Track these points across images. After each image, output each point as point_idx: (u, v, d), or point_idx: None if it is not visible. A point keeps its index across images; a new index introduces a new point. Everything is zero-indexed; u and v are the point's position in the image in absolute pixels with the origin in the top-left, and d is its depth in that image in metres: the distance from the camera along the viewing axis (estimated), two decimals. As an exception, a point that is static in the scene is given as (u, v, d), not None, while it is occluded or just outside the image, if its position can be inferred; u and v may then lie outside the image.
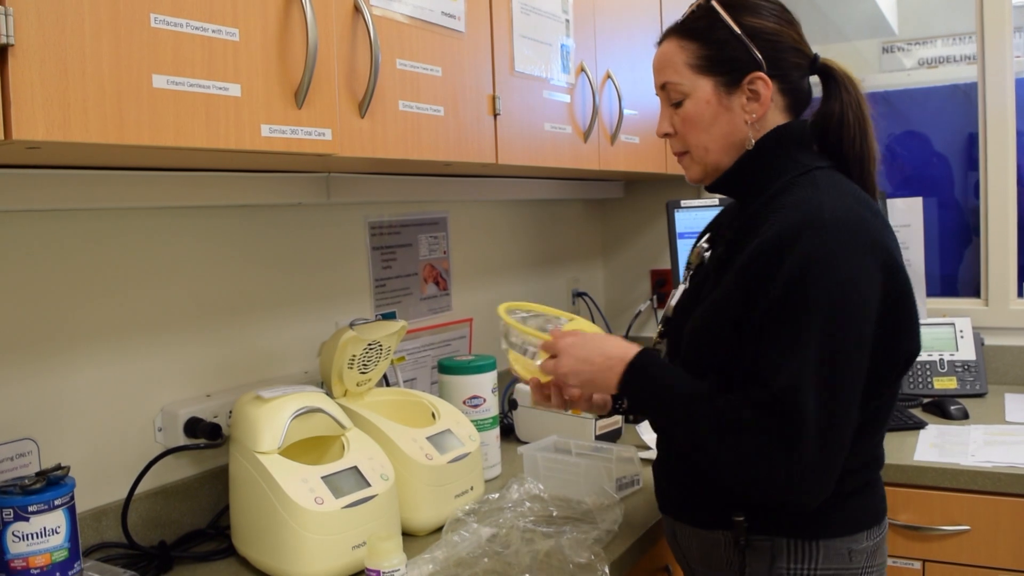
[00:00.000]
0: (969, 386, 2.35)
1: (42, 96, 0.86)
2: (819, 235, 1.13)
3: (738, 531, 1.23)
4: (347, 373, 1.59)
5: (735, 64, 1.25)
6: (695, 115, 1.28)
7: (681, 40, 1.29)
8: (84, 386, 1.38)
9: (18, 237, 1.29)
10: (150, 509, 1.46)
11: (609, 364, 1.25)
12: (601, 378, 1.26)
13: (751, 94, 1.26)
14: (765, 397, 1.12)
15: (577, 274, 2.83)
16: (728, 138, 1.28)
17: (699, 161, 1.32)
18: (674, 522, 1.38)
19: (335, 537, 1.28)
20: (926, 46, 2.85)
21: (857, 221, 1.16)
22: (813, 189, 1.21)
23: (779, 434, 1.10)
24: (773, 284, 1.13)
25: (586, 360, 1.27)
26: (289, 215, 1.73)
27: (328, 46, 1.17)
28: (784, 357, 1.11)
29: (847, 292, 1.12)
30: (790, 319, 1.12)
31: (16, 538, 1.11)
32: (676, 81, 1.29)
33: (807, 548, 1.22)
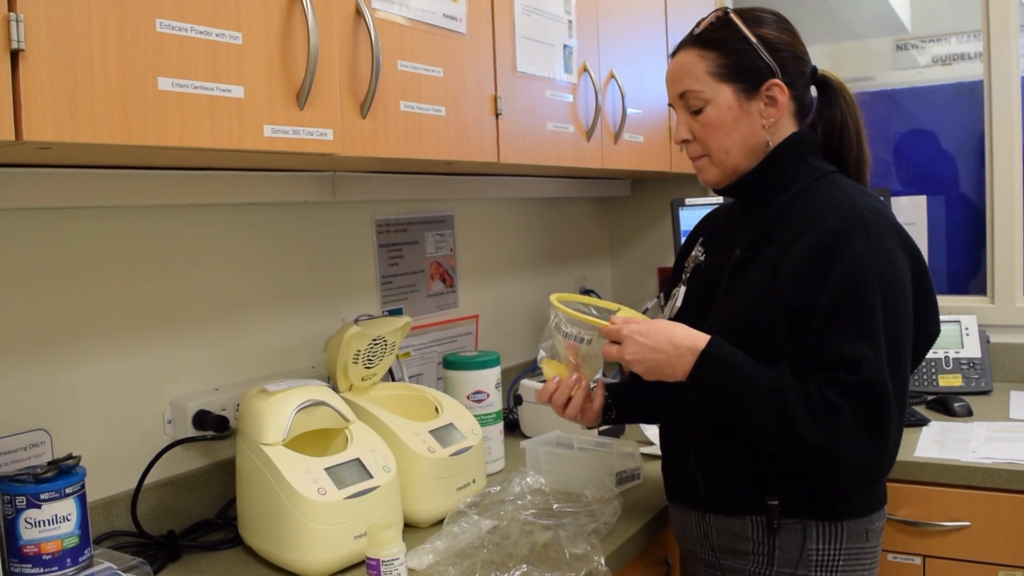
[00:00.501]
0: (974, 383, 2.35)
1: (52, 98, 0.89)
2: (865, 232, 1.23)
3: (771, 515, 1.30)
4: (352, 368, 1.62)
5: (754, 72, 1.34)
6: (717, 120, 1.35)
7: (700, 50, 1.36)
8: (96, 379, 1.42)
9: (32, 234, 1.33)
10: (160, 499, 1.49)
11: (679, 352, 1.27)
12: (669, 366, 1.28)
13: (768, 100, 1.34)
14: (856, 383, 1.19)
15: (584, 271, 2.85)
16: (747, 142, 1.36)
17: (719, 164, 1.39)
18: (694, 513, 1.41)
19: (337, 527, 1.31)
20: (940, 43, 2.84)
21: (887, 218, 1.28)
22: (839, 190, 1.31)
23: (872, 419, 1.19)
24: (831, 280, 1.22)
25: (654, 348, 1.28)
26: (297, 213, 1.76)
27: (329, 49, 1.21)
28: (862, 347, 1.19)
29: (896, 280, 1.23)
30: (855, 311, 1.21)
31: (28, 525, 1.15)
32: (697, 89, 1.35)
33: (834, 529, 1.30)
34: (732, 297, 1.33)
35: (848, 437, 1.18)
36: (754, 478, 1.32)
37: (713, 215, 1.57)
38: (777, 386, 1.22)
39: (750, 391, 1.23)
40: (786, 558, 1.31)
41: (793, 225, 1.29)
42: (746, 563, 1.34)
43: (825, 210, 1.27)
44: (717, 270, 1.40)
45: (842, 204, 1.27)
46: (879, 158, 2.86)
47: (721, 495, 1.36)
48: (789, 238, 1.28)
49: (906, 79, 2.81)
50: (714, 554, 1.39)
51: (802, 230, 1.27)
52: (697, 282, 1.45)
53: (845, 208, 1.26)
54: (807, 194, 1.33)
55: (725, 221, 1.49)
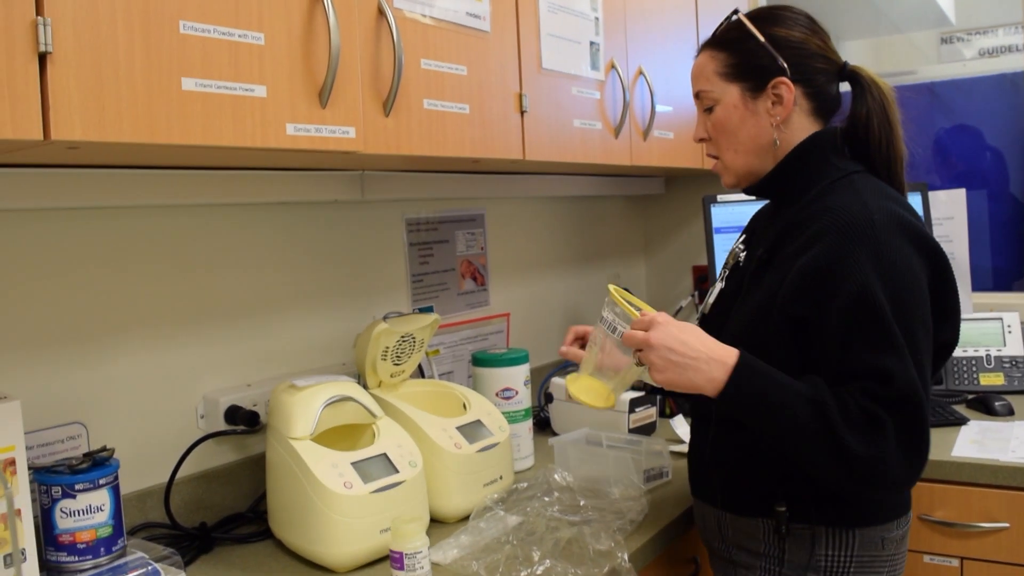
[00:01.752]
0: (1017, 382, 2.29)
1: (79, 99, 0.92)
2: (873, 240, 1.19)
3: (779, 520, 1.29)
4: (380, 364, 1.64)
5: (760, 71, 1.33)
6: (724, 119, 1.36)
7: (713, 51, 1.38)
8: (131, 374, 1.46)
9: (71, 233, 1.37)
10: (193, 492, 1.53)
11: (709, 357, 1.19)
12: (695, 370, 1.19)
13: (775, 98, 1.33)
14: (892, 396, 1.16)
15: (619, 270, 2.84)
16: (755, 140, 1.36)
17: (730, 165, 1.39)
18: (711, 508, 1.41)
19: (363, 520, 1.33)
20: (986, 36, 2.78)
21: (901, 220, 1.23)
22: (853, 192, 1.28)
23: (912, 429, 1.16)
24: (842, 289, 1.19)
25: (684, 343, 1.19)
26: (327, 212, 1.79)
27: (351, 48, 1.22)
28: (889, 358, 1.16)
29: (907, 287, 1.20)
30: (873, 320, 1.17)
31: (64, 514, 1.19)
32: (707, 89, 1.38)
33: (844, 536, 1.29)
34: (750, 300, 1.33)
35: (892, 448, 1.15)
36: (764, 482, 1.31)
37: (760, 212, 1.56)
38: (815, 397, 1.17)
39: (787, 401, 1.17)
40: (795, 562, 1.30)
41: (806, 229, 1.27)
42: (758, 561, 1.34)
43: (834, 216, 1.23)
44: (745, 269, 1.41)
45: (851, 209, 1.23)
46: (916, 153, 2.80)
47: (734, 495, 1.36)
48: (800, 243, 1.26)
49: (949, 72, 2.76)
50: (729, 549, 1.40)
51: (811, 237, 1.24)
52: (733, 281, 1.45)
53: (854, 214, 1.22)
54: (824, 196, 1.30)
55: (763, 220, 1.49)
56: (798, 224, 1.30)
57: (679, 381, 1.20)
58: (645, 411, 2.04)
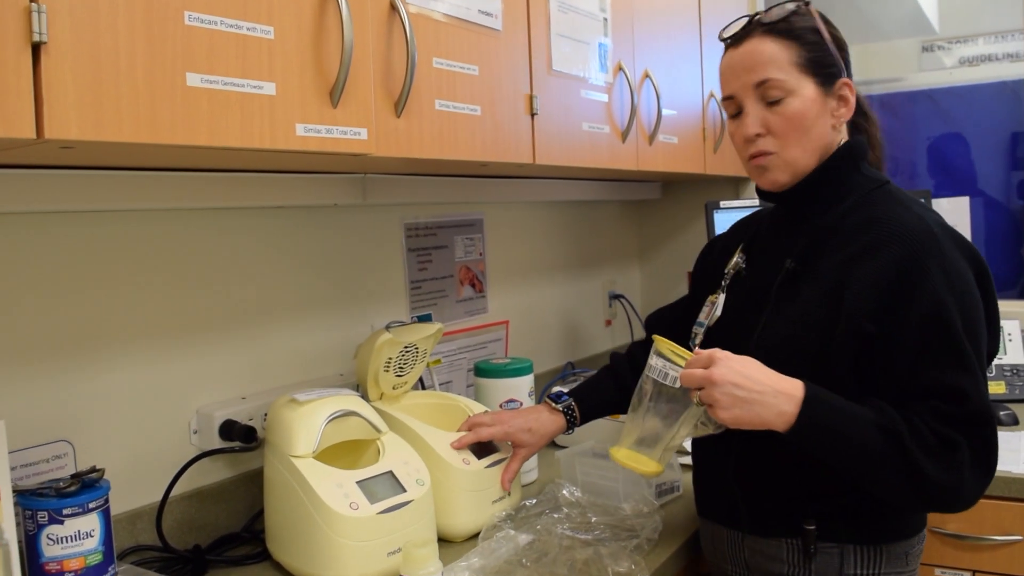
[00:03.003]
0: (1019, 391, 2.27)
1: (75, 95, 0.85)
2: (941, 255, 1.17)
3: (807, 539, 1.25)
4: (383, 376, 1.57)
5: (831, 68, 1.29)
6: (801, 112, 1.27)
7: (779, 39, 1.28)
8: (119, 388, 1.38)
9: (54, 238, 1.29)
10: (185, 512, 1.45)
11: (776, 391, 1.14)
12: (762, 404, 1.13)
13: (840, 100, 1.29)
14: (967, 415, 1.13)
15: (614, 276, 2.79)
16: (820, 140, 1.30)
17: (791, 163, 1.29)
18: (727, 531, 1.36)
19: (370, 543, 1.26)
20: (967, 44, 2.78)
21: (951, 231, 1.23)
22: (900, 204, 1.25)
23: (986, 449, 1.15)
24: (917, 304, 1.15)
25: (748, 376, 1.14)
26: (325, 216, 1.71)
27: (364, 44, 1.16)
28: (963, 376, 1.14)
29: (971, 301, 1.18)
30: (946, 341, 1.15)
31: (51, 541, 1.11)
32: (781, 78, 1.26)
33: (872, 553, 1.25)
34: (785, 313, 1.27)
35: (967, 471, 1.13)
36: (793, 500, 1.26)
37: (754, 219, 1.50)
38: (888, 425, 1.13)
39: (860, 434, 1.13)
40: None
41: (853, 240, 1.23)
42: None
43: (893, 227, 1.21)
44: (763, 281, 1.34)
45: (909, 221, 1.21)
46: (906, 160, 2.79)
47: (761, 516, 1.30)
48: (850, 253, 1.22)
49: (933, 80, 2.75)
50: (746, 574, 1.34)
51: (868, 247, 1.21)
52: (739, 291, 1.39)
53: (915, 227, 1.20)
54: (864, 206, 1.27)
55: (769, 228, 1.42)
56: (838, 234, 1.26)
57: (746, 417, 1.15)
58: (649, 422, 1.98)
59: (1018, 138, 2.58)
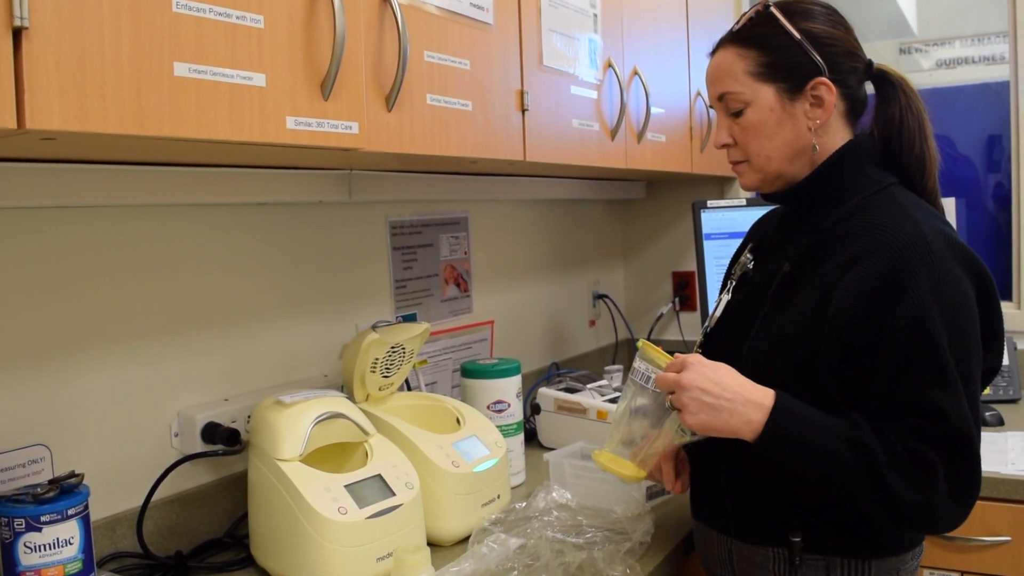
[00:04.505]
0: (1002, 392, 2.28)
1: (58, 83, 0.81)
2: (930, 264, 1.13)
3: (793, 550, 1.22)
4: (369, 377, 1.54)
5: (797, 70, 1.24)
6: (758, 123, 1.25)
7: (740, 48, 1.26)
8: (98, 390, 1.33)
9: (30, 234, 1.25)
10: (166, 517, 1.41)
11: (745, 399, 1.13)
12: (730, 412, 1.13)
13: (814, 100, 1.24)
14: (944, 434, 1.09)
15: (598, 276, 2.77)
16: (792, 145, 1.26)
17: (759, 169, 1.29)
18: (717, 536, 1.34)
19: (359, 548, 1.23)
20: (944, 47, 2.80)
21: (951, 240, 1.17)
22: (899, 209, 1.20)
23: (963, 469, 1.11)
24: (899, 316, 1.11)
25: (717, 383, 1.13)
26: (309, 213, 1.68)
27: (355, 36, 1.12)
28: (942, 393, 1.10)
29: (963, 316, 1.14)
30: (929, 355, 1.11)
31: (28, 549, 1.06)
32: (737, 90, 1.25)
33: (860, 568, 1.22)
34: (778, 317, 1.24)
35: (941, 492, 1.09)
36: (780, 510, 1.23)
37: (765, 219, 1.47)
38: (859, 440, 1.10)
39: (830, 448, 1.11)
40: None
41: (848, 245, 1.19)
42: None
43: (885, 235, 1.16)
44: (763, 283, 1.31)
45: (903, 228, 1.16)
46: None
47: (748, 522, 1.28)
48: (843, 260, 1.18)
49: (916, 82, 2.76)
50: None
51: (858, 254, 1.17)
52: (742, 293, 1.36)
53: (908, 234, 1.15)
54: (864, 210, 1.22)
55: (776, 228, 1.39)
56: (836, 238, 1.22)
57: (713, 424, 1.14)
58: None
59: (994, 140, 2.60)
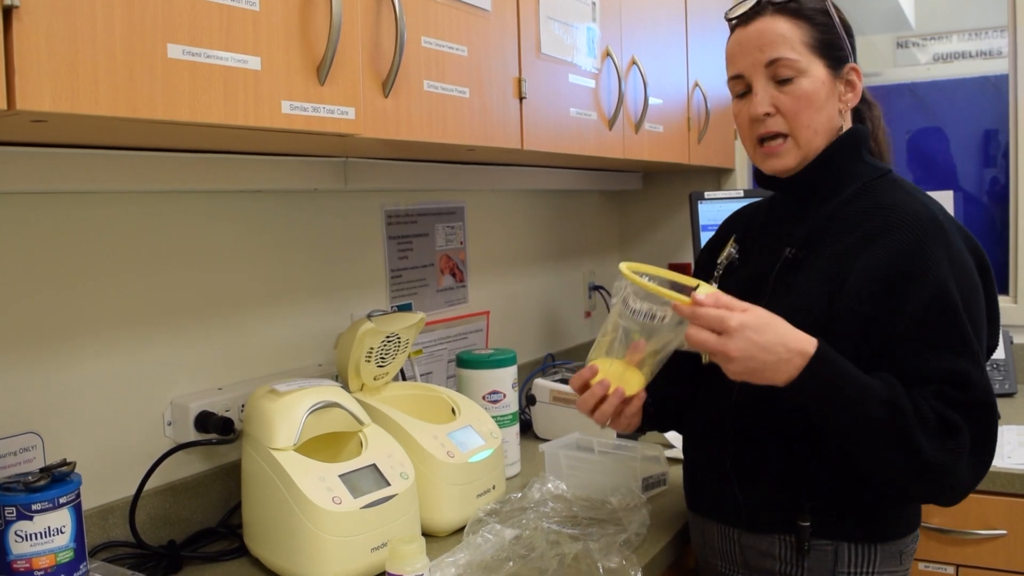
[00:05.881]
0: (998, 386, 2.28)
1: (49, 64, 0.79)
2: (945, 241, 1.17)
3: (802, 535, 1.23)
4: (364, 366, 1.53)
5: (839, 52, 1.27)
6: (812, 93, 1.25)
7: (790, 18, 1.26)
8: (90, 378, 1.32)
9: (21, 220, 1.23)
10: (159, 507, 1.39)
11: (789, 357, 1.10)
12: (774, 370, 1.10)
13: (847, 84, 1.28)
14: (970, 401, 1.12)
15: (594, 267, 2.76)
16: (829, 123, 1.28)
17: (803, 145, 1.27)
18: (719, 526, 1.33)
19: (353, 538, 1.22)
20: (941, 41, 2.79)
21: (954, 222, 1.22)
22: (904, 191, 1.24)
23: (985, 436, 1.14)
24: (920, 288, 1.14)
25: (766, 348, 1.09)
26: (304, 201, 1.66)
27: (352, 19, 1.11)
28: (966, 363, 1.13)
29: (974, 290, 1.18)
30: (949, 326, 1.14)
31: (19, 538, 1.05)
32: (793, 57, 1.24)
33: (867, 551, 1.23)
34: (782, 300, 1.24)
35: (964, 457, 1.12)
36: (788, 496, 1.24)
37: (748, 211, 1.48)
38: (893, 399, 1.10)
39: (864, 403, 1.10)
40: None
41: (856, 227, 1.22)
42: None
43: (899, 214, 1.19)
44: (761, 269, 1.31)
45: (914, 208, 1.20)
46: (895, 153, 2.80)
47: (755, 512, 1.28)
48: (853, 240, 1.21)
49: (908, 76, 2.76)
50: (741, 570, 1.31)
51: (873, 233, 1.19)
52: (733, 281, 1.36)
53: (920, 213, 1.19)
54: (867, 194, 1.25)
55: (766, 218, 1.40)
56: (841, 222, 1.24)
57: (755, 380, 1.12)
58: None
59: (991, 135, 2.59)
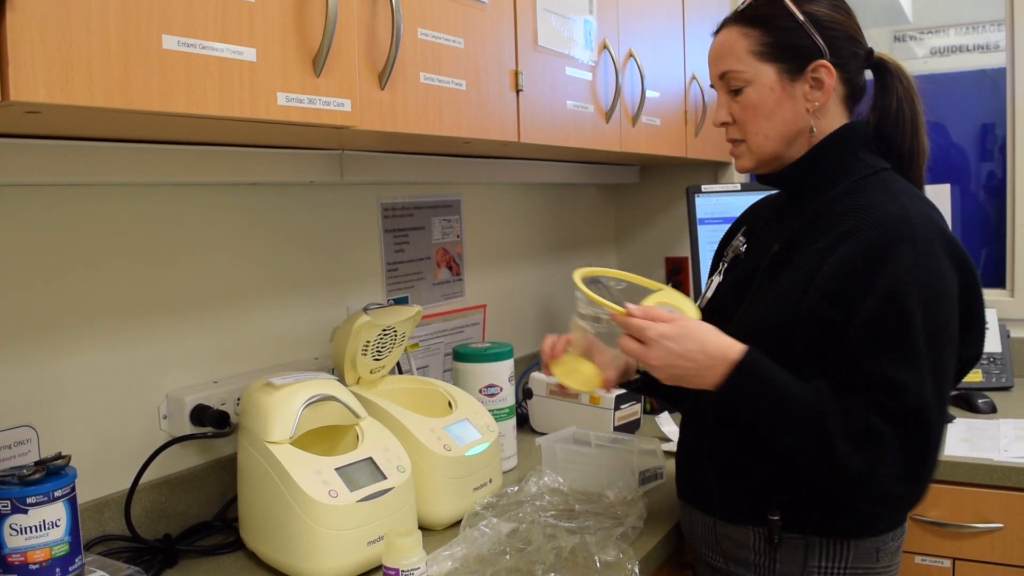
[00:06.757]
0: (995, 379, 2.28)
1: (43, 55, 0.79)
2: (912, 243, 1.13)
3: (772, 529, 1.23)
4: (360, 360, 1.52)
5: (799, 51, 1.24)
6: (757, 102, 1.26)
7: (743, 27, 1.27)
8: (86, 371, 1.32)
9: (16, 212, 1.23)
10: (154, 500, 1.39)
11: (710, 363, 1.15)
12: (697, 377, 1.17)
13: (814, 82, 1.25)
14: (901, 410, 1.09)
15: (591, 260, 2.75)
16: (789, 126, 1.27)
17: (756, 150, 1.29)
18: (702, 515, 1.34)
19: (350, 532, 1.22)
20: (938, 35, 2.78)
21: (937, 226, 1.17)
22: (887, 192, 1.21)
23: (916, 447, 1.10)
24: (871, 295, 1.12)
25: (685, 356, 1.16)
26: (300, 194, 1.66)
27: (348, 11, 1.10)
28: (906, 370, 1.10)
29: (940, 298, 1.13)
30: (899, 331, 1.11)
31: (14, 531, 1.05)
32: (738, 69, 1.27)
33: (839, 547, 1.23)
34: (762, 298, 1.25)
35: (889, 466, 1.09)
36: (759, 489, 1.24)
37: (760, 204, 1.48)
38: (816, 405, 1.12)
39: (786, 409, 1.13)
40: (786, 572, 1.24)
41: (834, 227, 1.19)
42: (748, 572, 1.28)
43: (869, 216, 1.16)
44: (753, 265, 1.32)
45: (888, 209, 1.16)
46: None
47: (731, 502, 1.29)
48: (828, 241, 1.18)
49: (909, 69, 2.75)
50: (719, 559, 1.33)
51: (843, 234, 1.17)
52: (733, 275, 1.37)
53: (891, 214, 1.15)
54: (853, 193, 1.22)
55: (770, 213, 1.40)
56: (823, 220, 1.22)
57: (686, 384, 1.20)
58: (630, 408, 1.96)
59: (988, 129, 2.59)
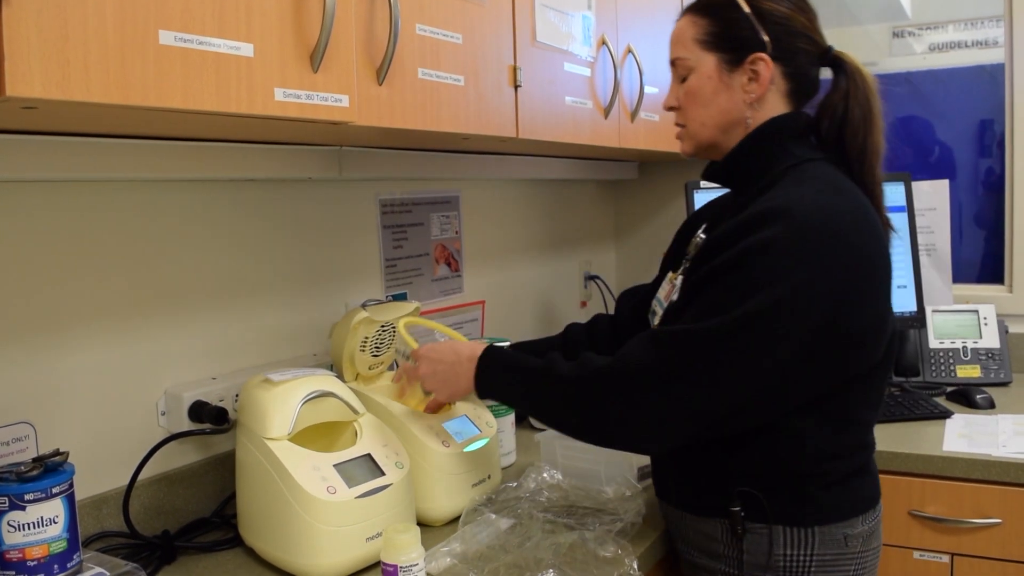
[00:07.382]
0: (993, 374, 2.28)
1: (39, 50, 0.78)
2: (789, 224, 1.12)
3: (735, 520, 1.25)
4: (359, 356, 1.52)
5: (740, 43, 1.26)
6: (696, 89, 1.30)
7: (694, 16, 1.31)
8: (84, 367, 1.31)
9: (13, 209, 1.22)
10: (153, 497, 1.39)
11: (459, 360, 1.34)
12: (454, 376, 1.35)
13: (752, 74, 1.26)
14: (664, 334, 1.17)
15: (589, 257, 2.76)
16: (725, 116, 1.29)
17: (693, 136, 1.34)
18: (671, 509, 1.37)
19: (348, 528, 1.22)
20: (937, 31, 2.78)
21: (832, 215, 1.14)
22: (796, 183, 1.20)
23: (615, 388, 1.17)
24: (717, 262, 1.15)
25: (439, 360, 1.37)
26: (299, 190, 1.65)
27: (346, 6, 1.10)
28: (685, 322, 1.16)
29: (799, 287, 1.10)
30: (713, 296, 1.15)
31: (12, 528, 1.04)
32: (684, 56, 1.31)
33: (803, 534, 1.24)
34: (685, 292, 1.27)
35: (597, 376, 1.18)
36: (718, 481, 1.26)
37: (721, 199, 1.49)
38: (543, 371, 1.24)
39: (527, 381, 1.27)
40: (754, 563, 1.26)
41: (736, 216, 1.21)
42: (718, 564, 1.29)
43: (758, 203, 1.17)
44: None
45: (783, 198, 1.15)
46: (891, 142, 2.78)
47: (690, 496, 1.31)
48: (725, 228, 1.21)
49: (904, 65, 2.75)
50: (693, 551, 1.34)
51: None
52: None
53: (779, 202, 1.14)
54: (774, 184, 1.22)
55: (721, 208, 1.42)
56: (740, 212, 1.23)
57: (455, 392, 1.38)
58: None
59: (986, 124, 2.59)
